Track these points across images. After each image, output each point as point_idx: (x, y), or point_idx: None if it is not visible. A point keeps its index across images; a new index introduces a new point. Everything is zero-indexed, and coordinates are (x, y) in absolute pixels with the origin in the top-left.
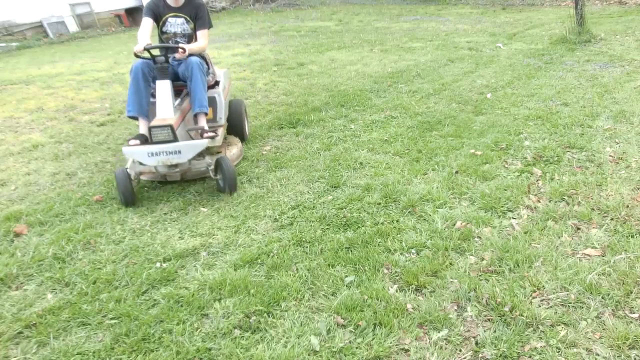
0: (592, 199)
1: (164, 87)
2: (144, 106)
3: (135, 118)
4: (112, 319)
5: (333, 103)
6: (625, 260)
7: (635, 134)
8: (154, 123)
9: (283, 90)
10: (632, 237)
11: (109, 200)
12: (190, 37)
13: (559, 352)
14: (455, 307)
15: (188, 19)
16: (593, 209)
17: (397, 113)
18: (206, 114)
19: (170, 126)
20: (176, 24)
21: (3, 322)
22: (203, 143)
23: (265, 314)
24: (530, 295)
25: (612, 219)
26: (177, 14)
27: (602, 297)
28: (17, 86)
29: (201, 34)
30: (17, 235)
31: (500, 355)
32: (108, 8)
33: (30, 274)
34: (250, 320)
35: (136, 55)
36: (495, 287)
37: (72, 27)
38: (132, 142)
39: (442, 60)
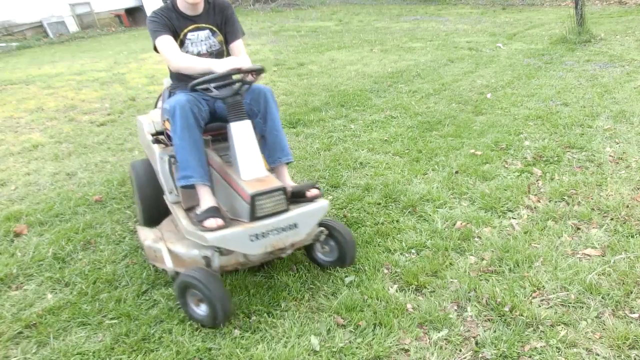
0: (592, 199)
1: (245, 132)
2: (205, 166)
3: (192, 186)
4: (112, 319)
5: (333, 103)
6: (625, 260)
7: (635, 134)
8: (258, 188)
9: (283, 90)
10: (632, 237)
11: (109, 200)
12: (220, 55)
13: (559, 352)
14: (455, 307)
15: (214, 29)
16: (593, 209)
17: (397, 113)
18: (289, 163)
19: (283, 189)
20: (199, 40)
21: (3, 322)
22: (323, 207)
23: (265, 314)
24: (530, 295)
25: (612, 219)
26: (199, 25)
27: (602, 297)
28: (17, 86)
29: (238, 46)
30: (17, 235)
31: (500, 355)
32: (108, 8)
33: (30, 274)
34: (250, 320)
35: (193, 89)
36: (495, 287)
37: (72, 27)
38: (209, 222)
39: (442, 60)
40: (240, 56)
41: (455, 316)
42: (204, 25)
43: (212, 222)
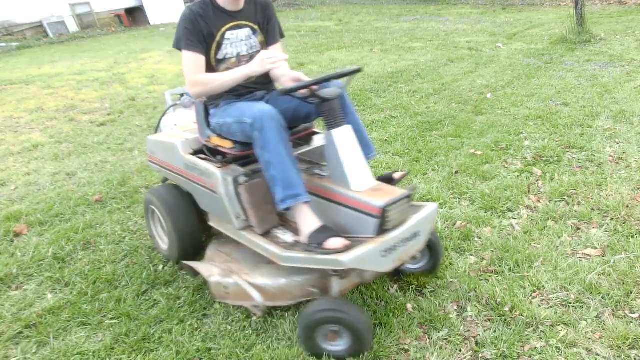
0: (592, 199)
1: (348, 138)
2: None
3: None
4: (112, 319)
5: None
6: (625, 260)
7: (635, 134)
8: (386, 199)
9: None
10: (632, 237)
11: (109, 200)
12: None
13: (559, 352)
14: (455, 307)
15: (255, 28)
16: (593, 209)
17: (397, 113)
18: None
19: (409, 196)
20: (238, 40)
21: (3, 322)
22: (435, 209)
23: (265, 314)
24: (530, 295)
25: (612, 219)
26: (238, 23)
27: (602, 297)
28: (17, 86)
29: (279, 49)
30: (17, 235)
31: (500, 355)
32: (108, 8)
33: (30, 274)
34: (251, 320)
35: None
36: (495, 287)
37: (72, 27)
38: (333, 242)
39: (442, 60)
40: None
41: (455, 316)
42: (244, 22)
43: (336, 242)
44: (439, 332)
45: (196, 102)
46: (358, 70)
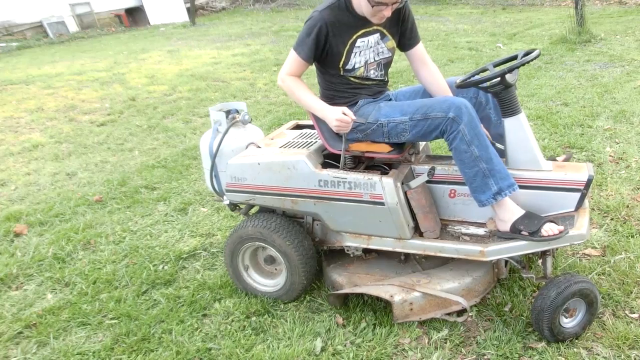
0: (592, 199)
1: (527, 123)
2: None
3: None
4: (112, 319)
5: None
6: (625, 260)
7: (635, 134)
8: (587, 172)
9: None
10: (632, 237)
11: (109, 200)
12: (387, 67)
13: (559, 352)
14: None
15: (385, 32)
16: (593, 209)
17: None
18: None
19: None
20: (367, 47)
21: (3, 322)
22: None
23: (265, 314)
24: (530, 295)
25: (612, 219)
26: (368, 30)
27: (602, 297)
28: (17, 86)
29: (421, 53)
30: (17, 235)
31: (501, 355)
32: (108, 8)
33: (30, 274)
34: (251, 321)
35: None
36: (495, 287)
37: (72, 27)
38: (550, 227)
39: (442, 60)
40: (427, 65)
41: (455, 316)
42: (374, 27)
43: (552, 228)
44: (439, 332)
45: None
46: (539, 54)
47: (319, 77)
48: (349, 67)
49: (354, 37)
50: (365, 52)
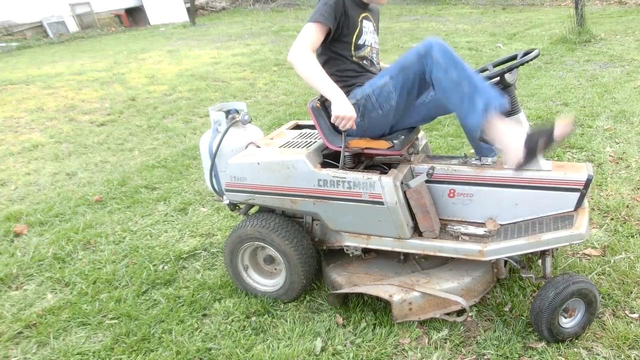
0: (592, 199)
1: (526, 124)
2: None
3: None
4: (112, 319)
5: None
6: (625, 260)
7: (635, 134)
8: (587, 172)
9: (283, 90)
10: (632, 237)
11: (109, 200)
12: (377, 57)
13: (559, 352)
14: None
15: (374, 24)
16: (593, 209)
17: None
18: None
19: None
20: (370, 31)
21: (3, 322)
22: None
23: (265, 314)
24: (530, 295)
25: (612, 219)
26: (368, 14)
27: (602, 297)
28: (17, 86)
29: None
30: (17, 235)
31: (501, 355)
32: (108, 8)
33: (30, 274)
34: (251, 321)
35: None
36: (495, 287)
37: (72, 27)
38: (563, 123)
39: None
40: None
41: (455, 316)
42: (370, 16)
43: (561, 124)
44: (439, 332)
45: (312, 107)
46: (538, 54)
47: (326, 65)
48: (360, 42)
49: (361, 16)
50: (370, 35)
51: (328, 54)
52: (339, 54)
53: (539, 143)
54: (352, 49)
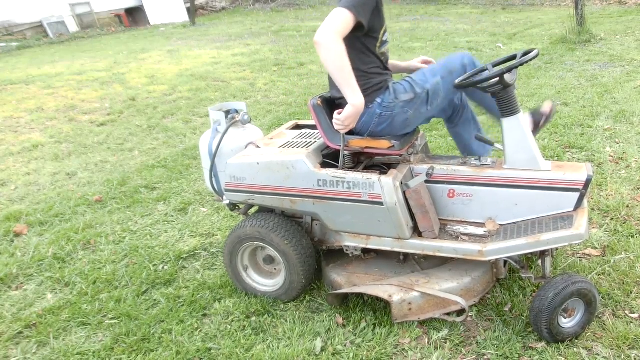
0: (592, 199)
1: (527, 124)
2: None
3: None
4: (112, 319)
5: None
6: (625, 260)
7: (635, 134)
8: (586, 172)
9: (283, 90)
10: (632, 237)
11: (109, 200)
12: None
13: (559, 352)
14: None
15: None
16: (593, 209)
17: None
18: None
19: None
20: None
21: (3, 322)
22: None
23: (265, 314)
24: (530, 295)
25: (612, 219)
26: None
27: (602, 297)
28: (17, 86)
29: None
30: (17, 235)
31: (501, 355)
32: (108, 8)
33: (30, 274)
34: (251, 321)
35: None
36: (495, 287)
37: (72, 27)
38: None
39: None
40: None
41: (455, 316)
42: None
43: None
44: (439, 332)
45: (313, 104)
46: (537, 54)
47: (350, 57)
48: (384, 38)
49: (384, 21)
50: (387, 34)
51: (356, 47)
52: (367, 47)
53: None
54: (378, 44)
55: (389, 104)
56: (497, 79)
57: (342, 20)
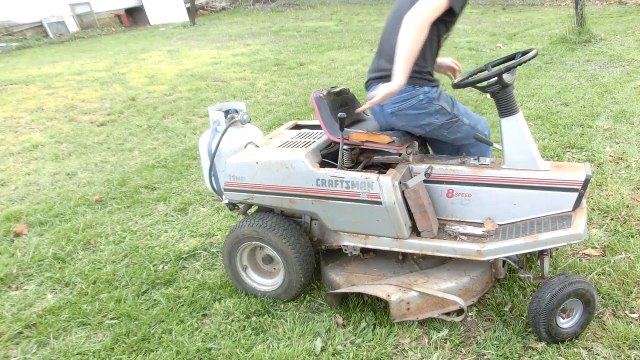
0: (592, 199)
1: (524, 124)
2: None
3: None
4: (112, 319)
5: None
6: (625, 260)
7: (635, 134)
8: (585, 172)
9: (283, 90)
10: (632, 237)
11: (109, 200)
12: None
13: (558, 352)
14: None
15: None
16: (593, 209)
17: None
18: None
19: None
20: None
21: (3, 322)
22: None
23: (265, 314)
24: (530, 295)
25: (612, 219)
26: None
27: (602, 297)
28: (17, 86)
29: None
30: (17, 235)
31: (501, 355)
32: (108, 8)
33: (30, 274)
34: (251, 321)
35: (457, 86)
36: (495, 287)
37: (72, 27)
38: None
39: None
40: None
41: (455, 316)
42: None
43: None
44: (439, 332)
45: (316, 97)
46: (536, 54)
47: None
48: (450, 29)
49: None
50: None
51: (435, 31)
52: (438, 34)
53: None
54: (445, 32)
55: (431, 99)
56: (495, 78)
57: (436, 7)
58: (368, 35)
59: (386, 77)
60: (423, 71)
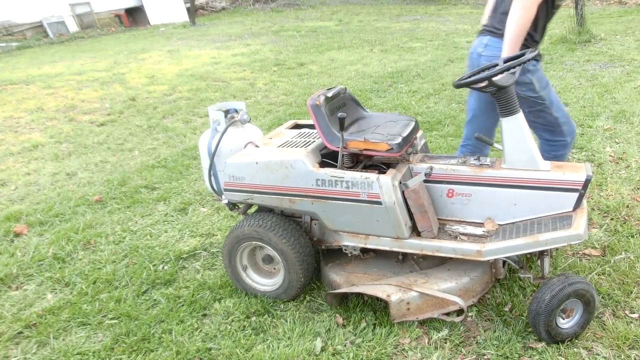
0: (592, 199)
1: (524, 124)
2: None
3: None
4: (112, 319)
5: None
6: (625, 260)
7: (635, 134)
8: (586, 172)
9: (283, 90)
10: (632, 237)
11: (109, 200)
12: None
13: (559, 352)
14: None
15: None
16: (593, 209)
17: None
18: None
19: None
20: None
21: (3, 322)
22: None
23: (265, 314)
24: (530, 295)
25: (612, 219)
26: None
27: (602, 297)
28: (17, 86)
29: None
30: (17, 235)
31: (501, 355)
32: (108, 8)
33: (30, 274)
34: (251, 321)
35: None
36: (495, 287)
37: (72, 27)
38: None
39: (442, 60)
40: None
41: (455, 316)
42: None
43: None
44: (439, 332)
45: (312, 105)
46: (537, 55)
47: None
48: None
49: None
50: None
51: (541, 8)
52: (547, 13)
53: None
54: (556, 8)
55: (525, 69)
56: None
57: None
58: (368, 35)
59: (496, 34)
60: (530, 38)
